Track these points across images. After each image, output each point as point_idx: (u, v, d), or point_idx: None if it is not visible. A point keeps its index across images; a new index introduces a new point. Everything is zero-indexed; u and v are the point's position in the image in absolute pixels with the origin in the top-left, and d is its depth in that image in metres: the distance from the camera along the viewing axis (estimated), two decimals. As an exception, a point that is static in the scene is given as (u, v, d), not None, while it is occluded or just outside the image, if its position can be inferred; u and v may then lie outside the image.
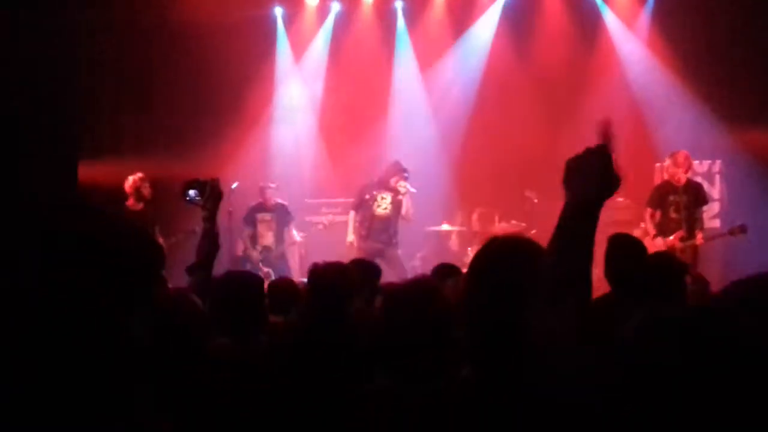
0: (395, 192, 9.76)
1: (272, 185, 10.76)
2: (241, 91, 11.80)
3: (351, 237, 10.01)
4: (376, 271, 5.03)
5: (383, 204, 9.84)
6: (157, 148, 11.39)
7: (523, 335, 1.98)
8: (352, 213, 10.12)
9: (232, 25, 11.44)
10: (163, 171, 9.96)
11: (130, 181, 9.27)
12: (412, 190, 9.78)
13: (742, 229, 8.86)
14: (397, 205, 9.80)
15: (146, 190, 9.28)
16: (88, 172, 9.89)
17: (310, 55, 12.80)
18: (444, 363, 2.52)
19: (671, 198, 9.01)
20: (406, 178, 9.78)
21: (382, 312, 2.87)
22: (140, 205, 9.22)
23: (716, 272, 9.03)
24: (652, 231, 9.05)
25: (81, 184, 9.57)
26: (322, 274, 3.74)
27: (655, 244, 8.53)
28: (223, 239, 4.13)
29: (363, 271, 4.65)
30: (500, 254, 2.22)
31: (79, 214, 1.50)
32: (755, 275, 1.98)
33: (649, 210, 9.18)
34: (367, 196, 9.89)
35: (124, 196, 9.23)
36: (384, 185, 9.85)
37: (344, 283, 3.75)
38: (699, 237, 8.89)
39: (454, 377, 2.25)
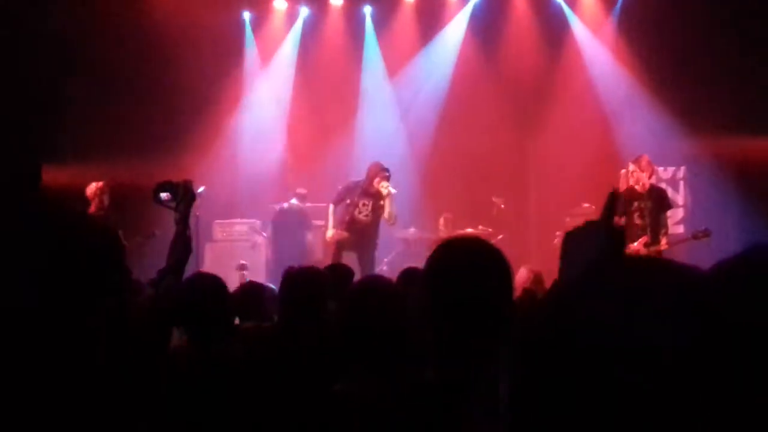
0: (377, 197, 9.57)
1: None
2: (209, 94, 11.74)
3: (331, 232, 9.81)
4: (349, 275, 5.01)
5: (364, 211, 9.63)
6: (124, 152, 11.28)
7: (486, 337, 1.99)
8: (331, 207, 9.90)
9: (200, 29, 11.37)
10: (129, 175, 9.88)
11: (93, 187, 9.18)
12: (393, 191, 9.53)
13: (706, 233, 8.93)
14: (378, 210, 9.61)
15: (106, 200, 9.17)
16: (53, 175, 9.76)
17: (279, 59, 12.77)
18: (406, 365, 2.52)
19: (635, 204, 9.06)
20: (387, 178, 9.54)
21: (339, 312, 2.88)
22: (101, 213, 9.11)
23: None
24: (618, 239, 9.12)
25: (44, 187, 9.44)
26: (297, 278, 3.73)
27: (620, 252, 8.59)
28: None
29: (336, 275, 4.64)
30: (461, 255, 2.21)
31: (41, 211, 1.50)
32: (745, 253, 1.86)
33: (614, 217, 9.23)
34: (348, 201, 9.72)
35: (86, 202, 9.13)
36: (366, 191, 9.63)
37: (318, 287, 3.74)
38: (663, 242, 8.97)
39: (417, 379, 2.24)
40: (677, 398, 0.91)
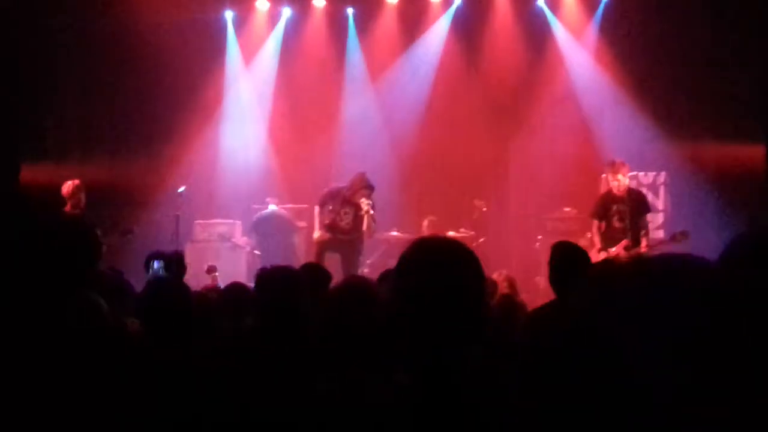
0: (358, 207, 9.62)
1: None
2: (190, 94, 11.68)
3: (318, 233, 9.84)
4: (326, 277, 4.99)
5: (345, 219, 9.71)
6: (103, 150, 11.23)
7: (458, 340, 1.98)
8: (317, 208, 9.95)
9: (182, 29, 11.33)
10: (109, 174, 9.82)
11: (70, 186, 8.97)
12: (371, 211, 9.54)
13: (684, 234, 8.95)
14: (358, 220, 9.66)
15: (83, 198, 8.98)
16: (32, 174, 9.68)
17: (261, 59, 12.74)
18: (380, 366, 2.51)
19: (615, 207, 9.09)
20: (368, 195, 9.58)
21: (319, 313, 2.88)
22: (77, 211, 8.96)
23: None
24: (598, 243, 9.09)
25: (23, 186, 9.36)
26: (270, 278, 3.71)
27: (600, 258, 8.59)
28: (170, 243, 4.08)
29: (311, 275, 4.62)
30: (431, 254, 2.20)
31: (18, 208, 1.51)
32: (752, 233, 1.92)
33: (594, 221, 9.22)
34: (330, 207, 9.77)
35: (62, 201, 8.97)
36: (348, 201, 9.69)
37: (293, 287, 3.72)
38: (643, 244, 9.00)
39: (389, 381, 2.23)
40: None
